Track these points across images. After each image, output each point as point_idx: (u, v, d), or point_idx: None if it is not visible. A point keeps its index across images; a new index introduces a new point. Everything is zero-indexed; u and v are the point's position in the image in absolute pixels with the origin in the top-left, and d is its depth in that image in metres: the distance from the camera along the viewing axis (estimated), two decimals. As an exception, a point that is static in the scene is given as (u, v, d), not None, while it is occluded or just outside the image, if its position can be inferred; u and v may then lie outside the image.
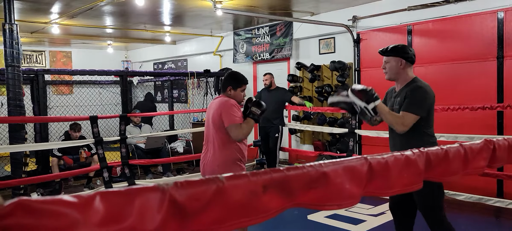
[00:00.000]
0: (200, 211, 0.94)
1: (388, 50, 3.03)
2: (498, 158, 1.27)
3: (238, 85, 3.33)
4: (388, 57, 3.04)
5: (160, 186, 0.94)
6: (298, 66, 7.87)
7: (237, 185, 0.92)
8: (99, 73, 7.91)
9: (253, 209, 0.94)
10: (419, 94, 2.89)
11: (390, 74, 3.05)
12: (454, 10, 5.87)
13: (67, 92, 11.40)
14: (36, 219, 0.89)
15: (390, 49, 3.02)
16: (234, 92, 3.32)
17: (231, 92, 3.32)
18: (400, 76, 3.02)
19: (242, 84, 3.35)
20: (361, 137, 6.98)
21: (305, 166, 0.99)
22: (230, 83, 3.33)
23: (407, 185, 1.10)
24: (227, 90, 3.33)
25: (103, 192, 0.91)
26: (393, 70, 3.02)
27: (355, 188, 1.01)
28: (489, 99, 5.38)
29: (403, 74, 3.01)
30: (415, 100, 2.88)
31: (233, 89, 3.32)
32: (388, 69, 3.05)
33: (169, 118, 10.27)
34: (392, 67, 3.01)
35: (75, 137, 6.61)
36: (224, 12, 6.40)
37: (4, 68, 5.40)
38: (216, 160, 3.23)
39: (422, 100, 2.89)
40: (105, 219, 0.91)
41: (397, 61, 2.99)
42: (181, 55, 11.34)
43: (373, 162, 1.04)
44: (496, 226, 4.70)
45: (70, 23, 8.12)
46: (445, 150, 1.16)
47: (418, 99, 2.88)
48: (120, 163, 6.37)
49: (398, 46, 3.03)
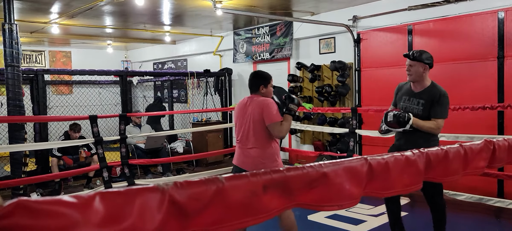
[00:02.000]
0: (200, 211, 0.93)
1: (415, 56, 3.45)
2: (498, 159, 1.27)
3: (268, 82, 3.51)
4: (414, 61, 3.45)
5: (160, 186, 0.94)
6: (298, 66, 7.87)
7: (237, 185, 0.92)
8: (98, 73, 7.91)
9: (253, 209, 0.94)
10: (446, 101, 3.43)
11: (415, 76, 3.47)
12: (454, 10, 5.87)
13: (66, 92, 11.40)
14: (35, 219, 0.89)
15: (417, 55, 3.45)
16: (266, 89, 3.50)
17: (263, 90, 3.49)
18: (422, 79, 3.48)
19: (271, 80, 3.55)
20: (361, 137, 6.98)
21: (305, 166, 0.99)
22: (261, 82, 3.49)
23: (407, 185, 1.09)
24: (260, 89, 3.49)
25: (103, 192, 0.91)
26: (418, 73, 3.45)
27: (355, 188, 1.00)
28: (489, 99, 5.38)
29: (424, 78, 3.49)
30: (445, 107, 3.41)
31: (265, 87, 3.49)
32: (413, 72, 3.46)
33: (169, 118, 10.27)
34: (417, 71, 3.45)
35: (75, 137, 6.59)
36: (224, 12, 6.40)
37: (4, 68, 5.40)
38: (260, 156, 3.40)
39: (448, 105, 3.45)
40: (105, 219, 0.91)
41: (422, 66, 3.44)
42: (181, 55, 11.33)
43: (373, 163, 1.04)
44: (496, 226, 4.69)
45: (70, 23, 8.12)
46: (445, 150, 1.16)
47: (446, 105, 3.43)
48: (119, 163, 6.37)
49: (423, 53, 3.47)
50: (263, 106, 3.37)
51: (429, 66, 3.46)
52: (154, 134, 7.50)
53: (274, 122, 3.32)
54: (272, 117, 3.33)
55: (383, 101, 6.61)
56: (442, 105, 3.39)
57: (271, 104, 3.38)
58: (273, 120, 3.33)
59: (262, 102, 3.39)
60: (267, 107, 3.36)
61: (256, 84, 3.50)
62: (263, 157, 3.39)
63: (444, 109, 3.40)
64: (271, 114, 3.33)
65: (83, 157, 6.62)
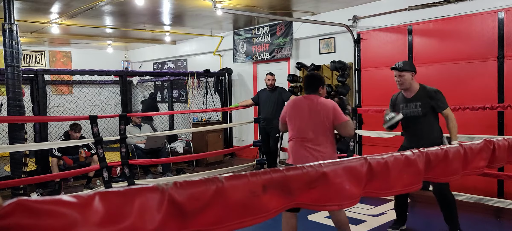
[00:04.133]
0: (200, 211, 0.93)
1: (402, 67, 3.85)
2: (498, 158, 1.27)
3: (325, 83, 3.73)
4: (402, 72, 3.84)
5: (159, 186, 0.94)
6: (298, 66, 7.86)
7: (237, 185, 0.92)
8: (99, 73, 7.91)
9: (253, 209, 0.94)
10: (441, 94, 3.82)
11: (406, 85, 3.86)
12: (454, 10, 5.86)
13: (67, 92, 11.40)
14: (35, 219, 0.89)
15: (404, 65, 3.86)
16: (323, 90, 3.68)
17: (322, 91, 3.66)
18: (411, 85, 3.87)
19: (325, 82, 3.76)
20: (361, 137, 6.98)
21: (305, 166, 0.99)
22: (320, 83, 3.66)
23: (407, 185, 1.09)
24: (319, 90, 3.64)
25: (102, 192, 0.91)
26: (408, 81, 3.85)
27: (355, 188, 1.00)
28: (489, 99, 5.38)
29: (413, 84, 3.88)
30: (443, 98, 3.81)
31: (322, 88, 3.67)
32: (403, 81, 3.86)
33: (169, 118, 10.27)
34: (407, 79, 3.84)
35: (75, 137, 6.59)
36: (224, 12, 6.40)
37: (4, 68, 5.40)
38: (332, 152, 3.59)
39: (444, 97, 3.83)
40: (105, 219, 0.90)
41: (410, 74, 3.85)
42: (181, 55, 11.33)
43: (373, 162, 1.04)
44: (496, 227, 4.69)
45: (70, 23, 8.12)
46: (445, 150, 1.16)
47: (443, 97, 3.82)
48: (119, 163, 6.37)
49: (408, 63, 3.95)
50: (333, 107, 3.53)
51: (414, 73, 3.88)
52: (154, 134, 7.50)
53: (344, 121, 3.50)
54: (341, 117, 3.51)
55: (383, 101, 6.60)
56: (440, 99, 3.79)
57: (337, 105, 3.58)
58: (343, 119, 3.50)
59: (330, 103, 3.55)
60: (336, 107, 3.53)
61: (315, 85, 3.64)
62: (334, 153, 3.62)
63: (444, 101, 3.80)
64: (340, 114, 3.52)
65: (83, 157, 6.61)
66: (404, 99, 3.94)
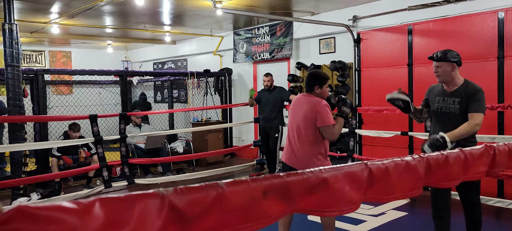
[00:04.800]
0: (200, 217, 0.93)
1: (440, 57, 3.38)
2: (498, 163, 1.27)
3: (324, 83, 3.51)
4: (440, 62, 3.38)
5: (159, 192, 0.94)
6: (298, 66, 7.86)
7: (237, 191, 0.92)
8: (99, 73, 7.91)
9: (254, 214, 0.94)
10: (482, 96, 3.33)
11: (444, 77, 3.40)
12: (454, 10, 5.86)
13: (67, 92, 11.39)
14: (35, 225, 0.89)
15: (442, 55, 3.37)
16: (321, 90, 3.51)
17: (318, 90, 3.50)
18: (452, 78, 3.40)
19: (327, 81, 3.54)
20: (361, 137, 6.98)
21: (305, 172, 0.98)
22: (317, 82, 3.50)
23: (407, 190, 1.09)
24: (315, 90, 3.50)
25: (102, 198, 0.91)
26: (446, 73, 3.38)
27: (355, 193, 1.00)
28: (489, 100, 5.36)
29: (456, 77, 3.41)
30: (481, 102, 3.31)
31: (320, 88, 3.50)
32: (441, 73, 3.39)
33: (169, 118, 10.27)
34: (445, 71, 3.37)
35: (74, 137, 6.58)
36: (224, 12, 6.40)
37: (4, 68, 5.40)
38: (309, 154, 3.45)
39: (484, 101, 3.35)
40: (105, 225, 0.90)
41: (450, 65, 3.37)
42: (181, 55, 11.33)
43: (373, 168, 1.04)
44: (497, 227, 4.69)
45: (70, 23, 8.11)
46: (445, 155, 1.15)
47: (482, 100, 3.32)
48: (119, 163, 6.37)
49: (448, 52, 3.38)
50: (317, 108, 3.41)
51: (457, 64, 3.39)
52: (154, 133, 7.50)
53: (326, 124, 3.37)
54: (324, 120, 3.37)
55: (383, 101, 6.59)
56: (478, 101, 3.31)
57: (324, 107, 3.41)
58: (325, 122, 3.37)
59: (316, 104, 3.43)
60: (320, 109, 3.40)
61: (311, 84, 3.52)
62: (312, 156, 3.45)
63: (480, 104, 3.31)
64: (323, 117, 3.38)
65: (83, 157, 6.61)
66: (443, 92, 3.49)
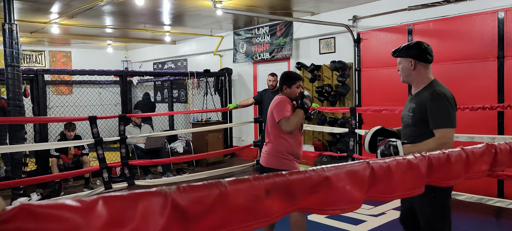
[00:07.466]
0: (203, 215, 0.94)
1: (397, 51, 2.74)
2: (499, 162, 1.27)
3: (292, 82, 3.55)
4: (400, 58, 2.72)
5: (162, 190, 0.94)
6: (298, 66, 7.86)
7: (240, 189, 0.92)
8: (99, 73, 7.91)
9: (256, 213, 0.94)
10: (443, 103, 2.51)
11: (403, 76, 2.73)
12: (454, 10, 5.87)
13: (67, 92, 11.39)
14: (38, 223, 0.89)
15: (400, 49, 2.72)
16: (289, 90, 3.56)
17: (286, 90, 3.57)
18: (415, 78, 2.67)
19: (296, 81, 3.56)
20: (361, 137, 6.98)
21: (308, 171, 0.99)
22: (284, 82, 3.58)
23: (409, 189, 1.10)
24: (283, 90, 3.58)
25: (105, 196, 0.91)
26: (405, 71, 2.69)
27: (357, 192, 1.00)
28: (489, 99, 5.38)
29: (417, 76, 2.65)
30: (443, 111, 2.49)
31: (288, 88, 3.56)
32: (400, 71, 2.74)
33: (169, 118, 10.27)
34: (404, 69, 2.70)
35: (70, 136, 6.64)
36: (224, 12, 6.40)
37: (4, 68, 5.40)
38: (270, 152, 3.52)
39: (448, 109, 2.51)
40: (108, 224, 0.91)
41: (407, 61, 2.66)
42: (181, 55, 11.33)
43: (375, 167, 1.04)
44: (497, 227, 4.70)
45: (70, 23, 8.11)
46: (447, 154, 1.16)
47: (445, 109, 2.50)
48: (119, 164, 6.37)
49: (407, 45, 2.71)
50: (275, 103, 3.49)
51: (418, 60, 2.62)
52: (154, 134, 7.50)
53: (281, 117, 3.41)
54: (279, 113, 3.42)
55: (383, 101, 6.61)
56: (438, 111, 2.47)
57: (281, 102, 3.47)
58: (281, 115, 3.41)
59: (275, 100, 3.52)
60: (276, 104, 3.47)
61: (280, 84, 3.62)
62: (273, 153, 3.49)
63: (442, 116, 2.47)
64: (279, 110, 3.44)
65: (72, 153, 6.63)
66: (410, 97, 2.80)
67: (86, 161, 6.73)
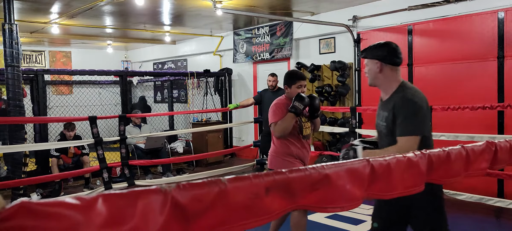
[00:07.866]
0: (203, 213, 0.93)
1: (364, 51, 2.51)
2: (499, 160, 1.27)
3: (292, 82, 3.48)
4: (367, 59, 2.49)
5: (162, 188, 0.94)
6: (298, 66, 7.86)
7: (240, 187, 0.92)
8: (98, 73, 7.91)
9: (256, 211, 0.94)
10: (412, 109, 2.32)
11: (371, 79, 2.52)
12: (454, 10, 5.87)
13: (67, 92, 11.39)
14: (38, 221, 0.89)
15: (367, 49, 2.50)
16: (290, 90, 3.50)
17: (288, 90, 3.51)
18: (381, 82, 2.47)
19: (296, 80, 3.47)
20: (361, 137, 6.98)
21: (308, 168, 0.99)
22: (286, 82, 3.53)
23: (409, 187, 1.10)
24: (285, 90, 3.54)
25: (105, 194, 0.91)
26: (372, 74, 2.48)
27: (357, 190, 1.00)
28: (489, 99, 5.38)
29: (384, 80, 2.45)
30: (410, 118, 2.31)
31: (289, 88, 3.50)
32: (367, 73, 2.52)
33: (169, 118, 10.27)
34: (370, 71, 2.48)
35: (69, 136, 6.65)
36: (224, 12, 6.40)
37: (4, 68, 5.40)
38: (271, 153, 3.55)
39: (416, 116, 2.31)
40: (108, 221, 0.90)
41: (374, 63, 2.44)
42: (181, 55, 11.33)
43: (375, 164, 1.04)
44: (496, 226, 4.70)
45: (70, 23, 8.12)
46: (447, 152, 1.16)
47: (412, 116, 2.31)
48: (119, 164, 6.37)
49: (375, 45, 2.48)
50: (271, 106, 3.48)
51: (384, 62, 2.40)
52: (154, 134, 7.50)
53: (272, 122, 3.41)
54: (271, 117, 3.43)
55: (383, 101, 6.61)
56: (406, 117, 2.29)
57: (275, 104, 3.46)
58: (271, 119, 3.42)
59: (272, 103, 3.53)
60: (271, 107, 3.47)
61: (283, 84, 3.57)
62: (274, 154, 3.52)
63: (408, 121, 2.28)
64: (271, 114, 3.43)
65: (72, 152, 6.64)
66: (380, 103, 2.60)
67: (86, 161, 6.74)
